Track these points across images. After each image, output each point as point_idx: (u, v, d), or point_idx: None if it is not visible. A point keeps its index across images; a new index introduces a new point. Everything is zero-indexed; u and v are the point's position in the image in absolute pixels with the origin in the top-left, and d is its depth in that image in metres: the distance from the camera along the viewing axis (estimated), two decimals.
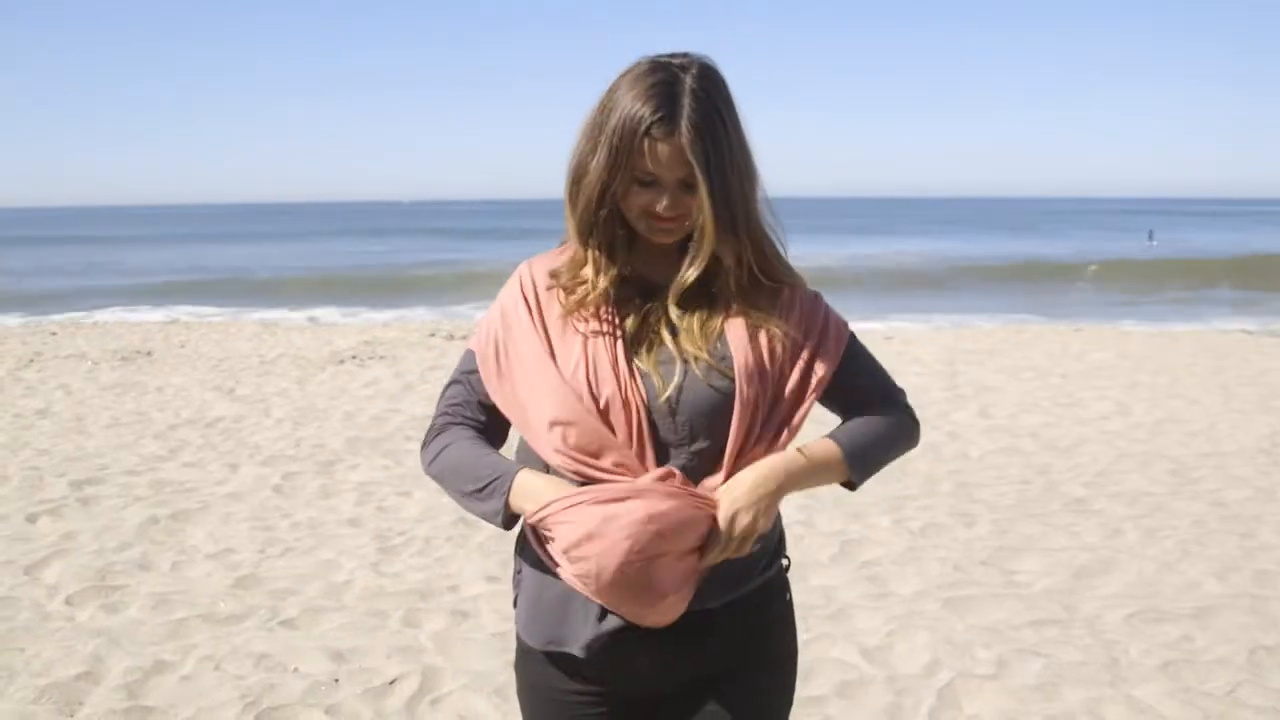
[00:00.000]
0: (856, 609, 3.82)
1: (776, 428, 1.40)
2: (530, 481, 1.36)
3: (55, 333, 12.95)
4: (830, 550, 4.45)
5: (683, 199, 1.35)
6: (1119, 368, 9.71)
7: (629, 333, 1.40)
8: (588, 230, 1.39)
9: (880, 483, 5.11)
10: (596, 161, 1.34)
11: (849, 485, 1.46)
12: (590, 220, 1.38)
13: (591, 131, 1.36)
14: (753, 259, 1.40)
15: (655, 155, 1.32)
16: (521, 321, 1.43)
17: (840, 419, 1.52)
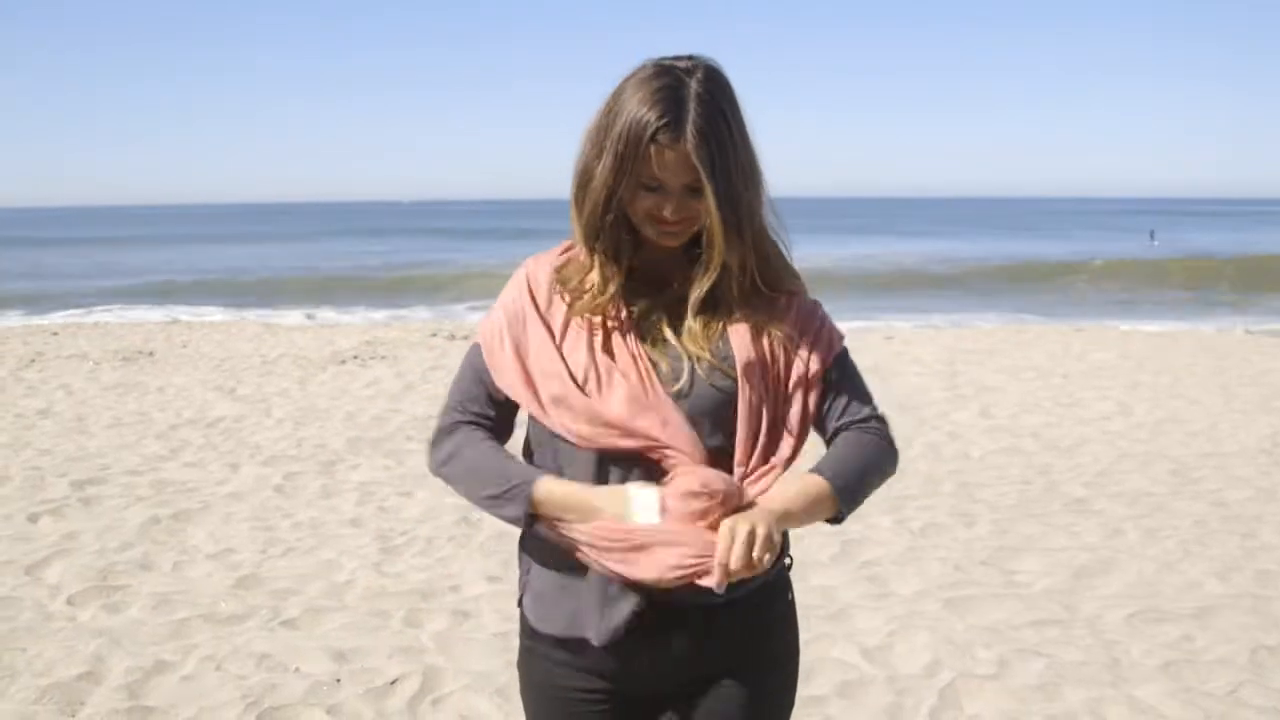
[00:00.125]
0: (857, 609, 3.82)
1: (778, 426, 1.41)
2: (553, 490, 1.37)
3: (57, 333, 12.96)
4: (831, 550, 4.45)
5: (688, 203, 1.35)
6: (1120, 368, 9.71)
7: (638, 330, 1.42)
8: (594, 235, 1.40)
9: None
10: (602, 167, 1.34)
11: (834, 520, 1.42)
12: (596, 225, 1.38)
13: (596, 136, 1.36)
14: (755, 265, 1.41)
15: (661, 161, 1.32)
16: (528, 312, 1.44)
17: (817, 430, 1.48)
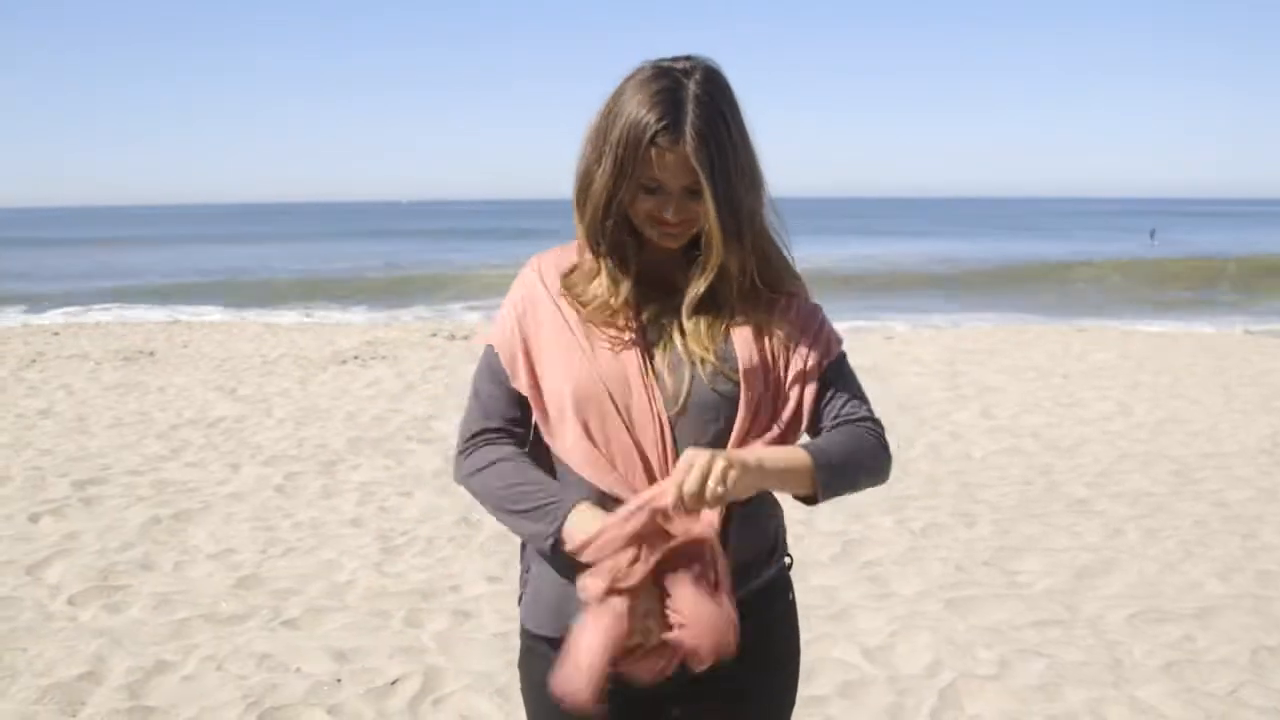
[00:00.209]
0: (858, 609, 3.82)
1: (769, 422, 1.42)
2: (586, 518, 1.32)
3: (58, 333, 12.96)
4: (831, 550, 4.45)
5: (688, 205, 1.36)
6: (1120, 368, 9.71)
7: (646, 337, 1.42)
8: (597, 239, 1.40)
9: None
10: (602, 170, 1.35)
11: (809, 500, 1.38)
12: (599, 229, 1.39)
13: (596, 139, 1.36)
14: (755, 266, 1.41)
15: (660, 163, 1.32)
16: (540, 298, 1.44)
17: (811, 435, 1.45)
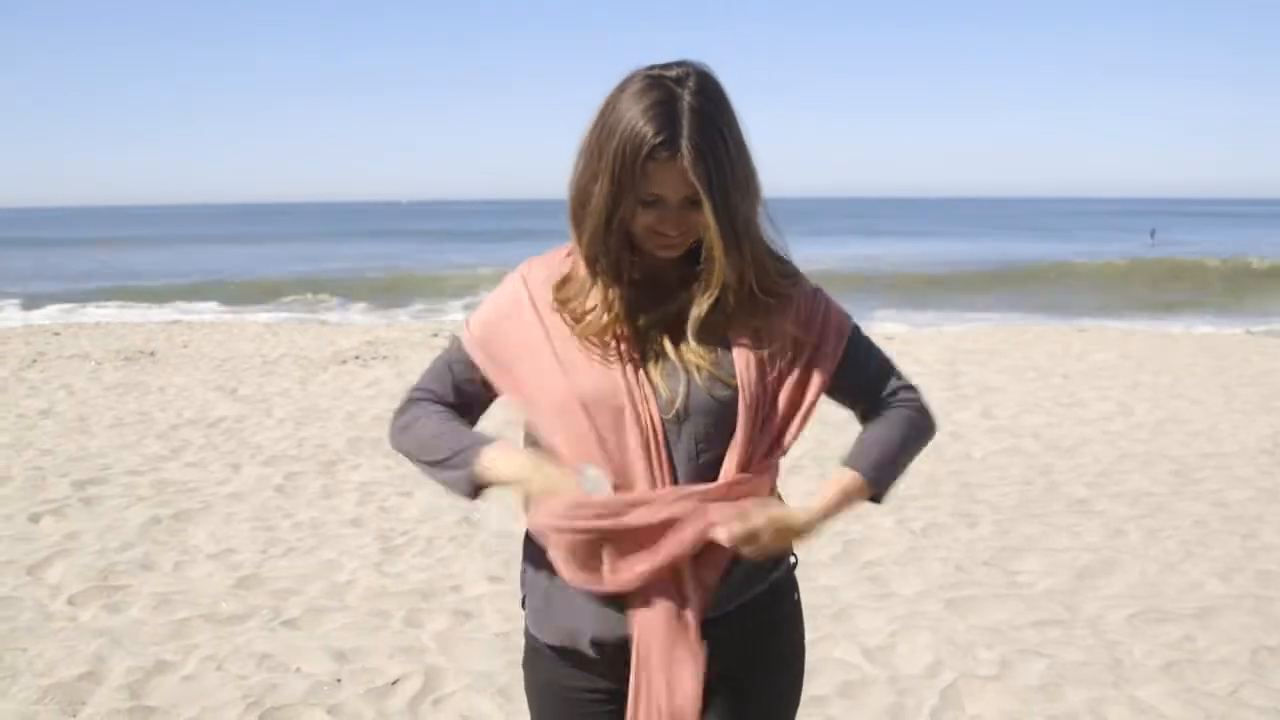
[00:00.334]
0: (858, 609, 3.82)
1: (776, 434, 1.42)
2: (507, 454, 1.40)
3: (58, 333, 12.96)
4: (832, 550, 4.45)
5: (687, 217, 1.34)
6: (1120, 368, 9.71)
7: (638, 343, 1.41)
8: (596, 256, 1.37)
9: None
10: (600, 188, 1.32)
11: (875, 499, 1.49)
12: (600, 246, 1.36)
13: (591, 153, 1.34)
14: (753, 275, 1.39)
15: (658, 177, 1.30)
16: (525, 319, 1.44)
17: (850, 410, 1.54)
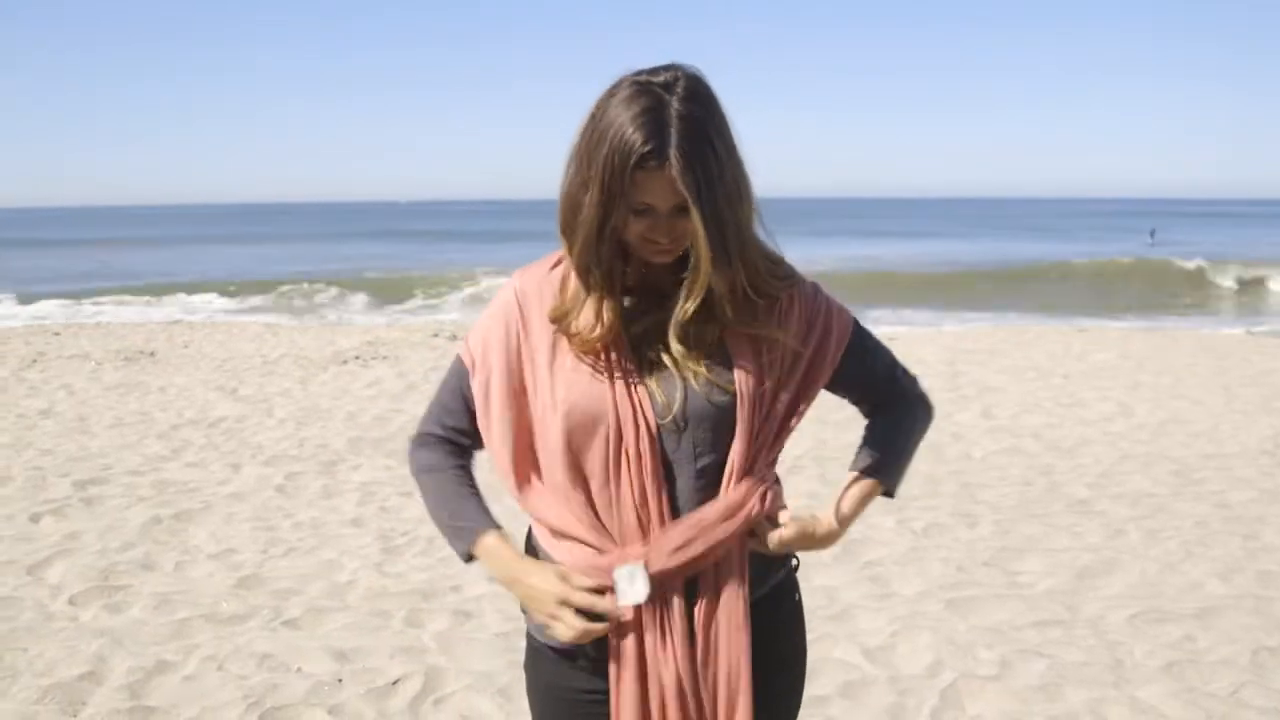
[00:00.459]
0: (859, 609, 3.82)
1: (774, 436, 1.43)
2: (499, 552, 1.45)
3: (59, 333, 12.95)
4: (832, 550, 4.43)
5: (678, 223, 1.33)
6: (1121, 368, 9.71)
7: (634, 352, 1.40)
8: (587, 266, 1.36)
9: None
10: (590, 198, 1.31)
11: (888, 494, 1.58)
12: (590, 256, 1.35)
13: (580, 162, 1.33)
14: (746, 282, 1.38)
15: (647, 186, 1.29)
16: (519, 333, 1.43)
17: (853, 405, 1.60)
